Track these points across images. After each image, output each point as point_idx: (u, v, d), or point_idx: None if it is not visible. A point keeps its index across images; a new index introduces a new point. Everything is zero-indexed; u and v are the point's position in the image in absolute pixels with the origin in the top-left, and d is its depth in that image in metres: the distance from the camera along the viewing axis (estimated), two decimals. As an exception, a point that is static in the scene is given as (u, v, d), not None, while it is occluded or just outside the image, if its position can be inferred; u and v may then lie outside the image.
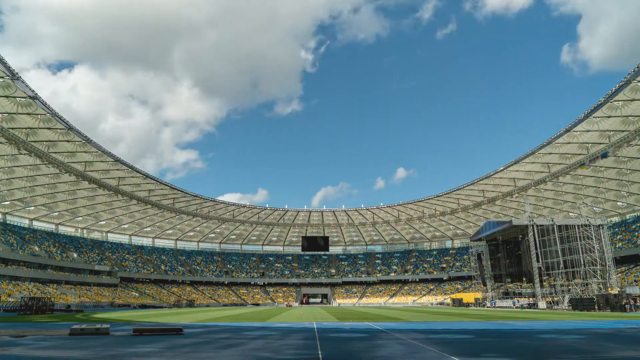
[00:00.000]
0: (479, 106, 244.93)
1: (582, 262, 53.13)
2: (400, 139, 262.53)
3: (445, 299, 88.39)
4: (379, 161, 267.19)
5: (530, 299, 60.06)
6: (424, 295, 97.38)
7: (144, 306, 75.22)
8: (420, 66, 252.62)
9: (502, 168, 71.04)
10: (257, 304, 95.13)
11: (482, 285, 74.04)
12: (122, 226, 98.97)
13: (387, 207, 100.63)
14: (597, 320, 28.56)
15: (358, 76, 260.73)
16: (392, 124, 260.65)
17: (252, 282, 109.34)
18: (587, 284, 53.23)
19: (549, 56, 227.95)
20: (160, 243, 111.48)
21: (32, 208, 77.18)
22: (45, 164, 57.94)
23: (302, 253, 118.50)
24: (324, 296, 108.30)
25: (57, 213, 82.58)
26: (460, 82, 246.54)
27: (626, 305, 41.60)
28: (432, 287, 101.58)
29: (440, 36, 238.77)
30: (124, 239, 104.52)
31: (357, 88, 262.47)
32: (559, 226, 56.89)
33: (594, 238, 53.14)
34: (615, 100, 46.88)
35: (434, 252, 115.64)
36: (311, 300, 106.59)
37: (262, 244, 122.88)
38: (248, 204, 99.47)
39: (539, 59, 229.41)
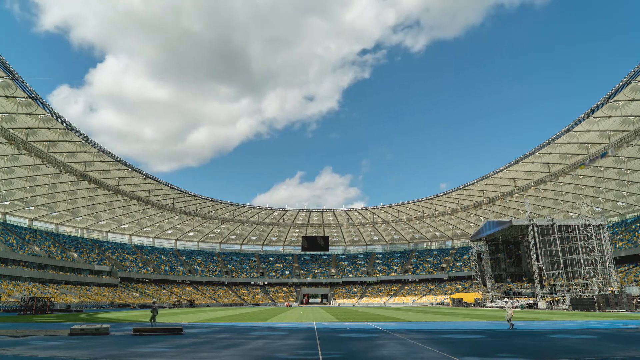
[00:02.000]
0: (478, 106, 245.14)
1: (582, 262, 53.14)
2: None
3: (445, 299, 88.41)
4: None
5: (530, 299, 60.08)
6: (424, 295, 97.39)
7: (144, 306, 75.18)
8: (422, 70, 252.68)
9: (502, 168, 71.08)
10: (257, 304, 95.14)
11: (482, 285, 74.08)
12: (122, 226, 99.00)
13: (387, 207, 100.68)
14: (598, 320, 28.55)
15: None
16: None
17: (252, 282, 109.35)
18: (587, 284, 53.22)
19: (549, 55, 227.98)
20: (160, 243, 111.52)
21: (32, 208, 77.20)
22: (45, 164, 57.95)
23: (302, 253, 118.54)
24: (324, 296, 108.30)
25: (57, 213, 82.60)
26: (459, 82, 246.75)
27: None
28: (432, 287, 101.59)
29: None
30: (124, 239, 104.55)
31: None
32: (559, 226, 56.90)
33: (594, 238, 53.14)
34: (615, 100, 46.91)
35: (434, 252, 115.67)
36: (311, 300, 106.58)
37: (262, 244, 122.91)
38: (248, 204, 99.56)
39: (539, 59, 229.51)
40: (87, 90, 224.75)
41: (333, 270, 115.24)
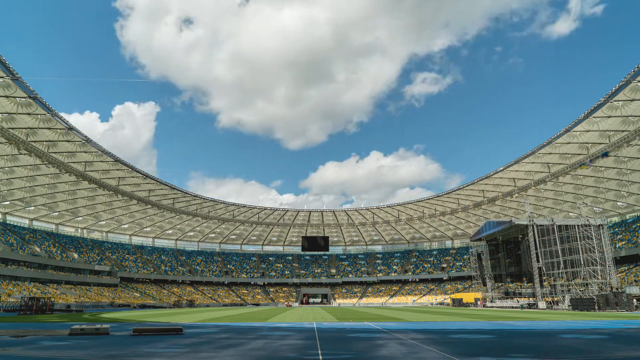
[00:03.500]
0: (478, 106, 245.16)
1: (582, 262, 53.14)
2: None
3: (445, 299, 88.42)
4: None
5: (530, 299, 60.08)
6: (425, 295, 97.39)
7: (144, 306, 75.21)
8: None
9: (502, 168, 71.10)
10: (257, 304, 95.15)
11: (482, 285, 74.08)
12: (122, 226, 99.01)
13: (387, 207, 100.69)
14: (598, 320, 28.55)
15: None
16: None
17: (253, 282, 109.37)
18: (587, 284, 53.22)
19: (547, 56, 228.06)
20: (160, 243, 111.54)
21: (32, 208, 77.21)
22: (45, 164, 57.97)
23: (302, 253, 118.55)
24: (324, 296, 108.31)
25: (57, 213, 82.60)
26: (460, 81, 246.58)
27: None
28: (432, 287, 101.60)
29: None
30: (124, 239, 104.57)
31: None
32: (559, 226, 56.89)
33: (594, 238, 53.13)
34: (615, 100, 46.93)
35: (434, 252, 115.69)
36: (311, 300, 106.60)
37: (262, 244, 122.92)
38: (248, 204, 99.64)
39: (538, 59, 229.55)
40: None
41: (333, 270, 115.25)
